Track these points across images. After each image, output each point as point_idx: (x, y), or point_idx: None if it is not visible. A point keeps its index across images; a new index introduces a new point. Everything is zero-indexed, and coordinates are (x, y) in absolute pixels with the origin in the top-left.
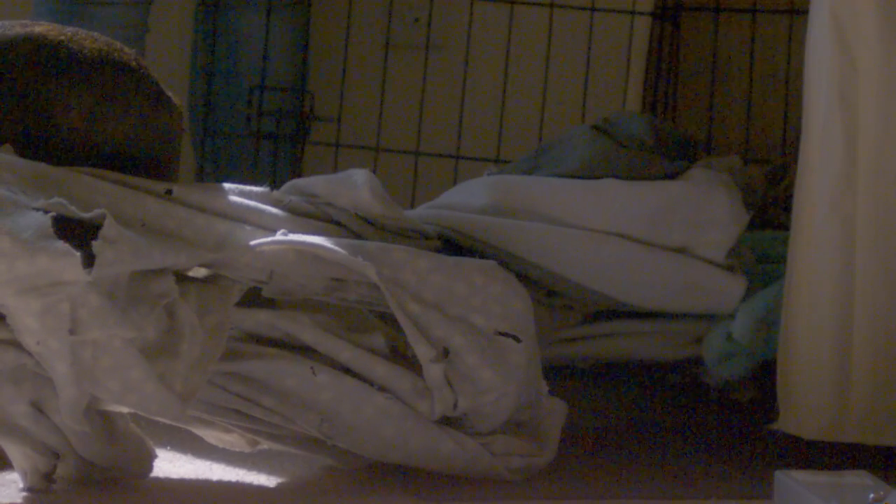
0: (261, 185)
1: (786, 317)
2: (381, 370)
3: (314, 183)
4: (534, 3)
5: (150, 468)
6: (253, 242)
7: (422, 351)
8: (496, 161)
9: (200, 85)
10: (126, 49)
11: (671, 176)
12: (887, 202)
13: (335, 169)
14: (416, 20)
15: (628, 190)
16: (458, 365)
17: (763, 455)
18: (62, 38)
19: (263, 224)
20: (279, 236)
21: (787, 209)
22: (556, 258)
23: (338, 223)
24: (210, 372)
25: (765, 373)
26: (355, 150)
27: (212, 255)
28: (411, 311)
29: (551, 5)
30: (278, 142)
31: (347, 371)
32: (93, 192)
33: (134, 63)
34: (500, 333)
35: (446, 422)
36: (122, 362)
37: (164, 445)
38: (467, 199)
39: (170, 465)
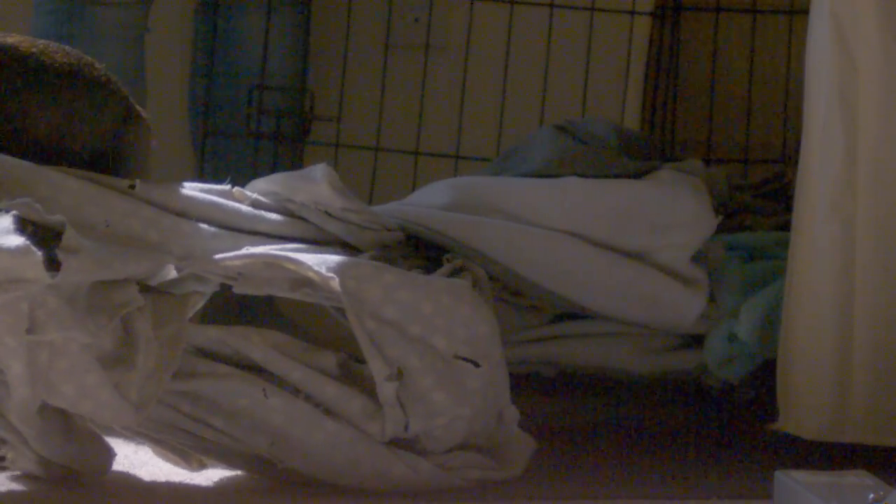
0: None
1: (786, 317)
2: (332, 391)
3: (274, 180)
4: (534, 3)
5: (109, 466)
6: (218, 256)
7: (376, 368)
8: None
9: (200, 85)
10: (96, 64)
11: (636, 175)
12: (887, 202)
13: (335, 169)
14: (416, 20)
15: (590, 188)
16: (411, 386)
17: (763, 455)
18: (34, 50)
19: (228, 222)
20: (245, 251)
21: (755, 212)
22: (513, 255)
23: (300, 217)
24: (165, 383)
25: (765, 373)
26: (355, 150)
27: (177, 260)
28: (368, 327)
29: (551, 5)
30: (278, 141)
31: (300, 393)
32: (58, 192)
33: (104, 78)
34: (459, 357)
35: (399, 443)
36: (78, 366)
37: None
38: (430, 198)
39: (156, 468)
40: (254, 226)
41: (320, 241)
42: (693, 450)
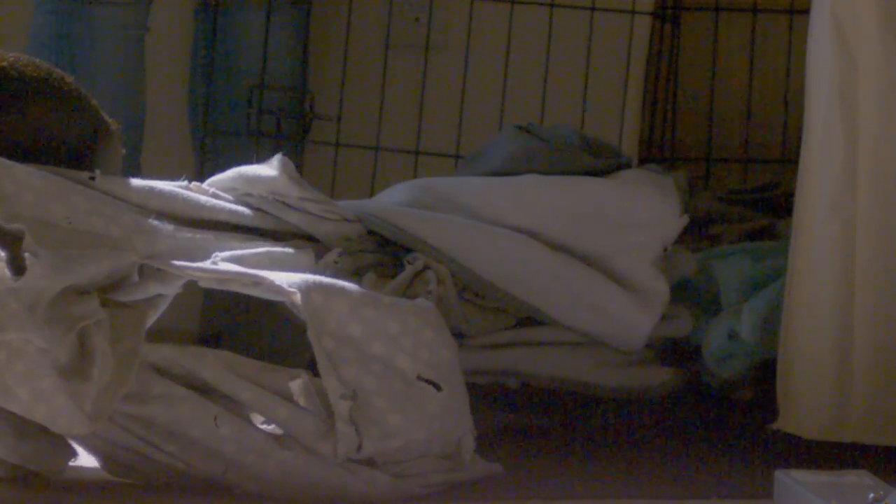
0: None
1: (786, 317)
2: (283, 411)
3: (232, 175)
4: (534, 3)
5: (66, 466)
6: (180, 263)
7: (332, 385)
8: None
9: (200, 85)
10: (67, 77)
11: (599, 174)
12: (887, 202)
13: (335, 169)
14: (416, 20)
15: (548, 185)
16: (366, 408)
17: (763, 455)
18: (3, 63)
19: (190, 214)
20: (210, 265)
21: (722, 219)
22: (466, 253)
23: (258, 209)
24: (120, 396)
25: (765, 373)
26: (355, 149)
27: (140, 258)
28: (327, 346)
29: (551, 5)
30: (278, 141)
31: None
32: (22, 189)
33: (74, 91)
34: (423, 379)
35: (353, 459)
36: (34, 371)
37: None
38: (391, 197)
39: None
40: (215, 216)
41: (282, 233)
42: (693, 450)
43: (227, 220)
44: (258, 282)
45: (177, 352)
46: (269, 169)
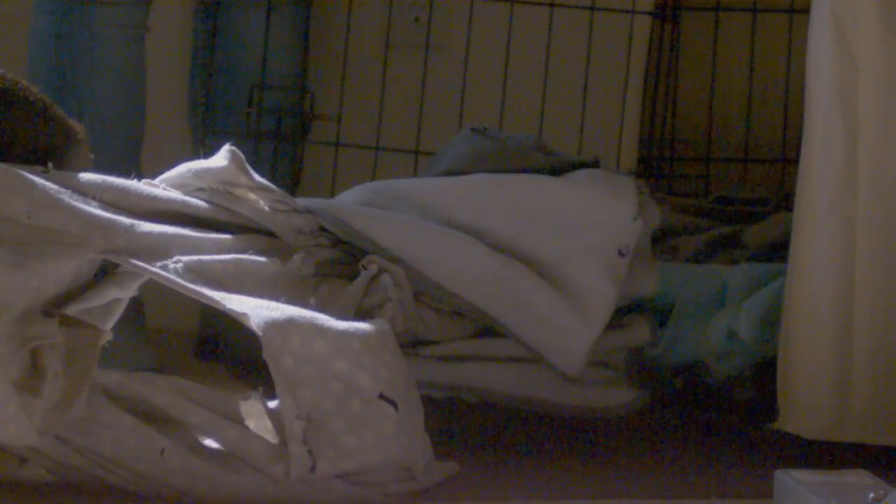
0: None
1: (786, 316)
2: (233, 434)
3: (181, 172)
4: (534, 3)
5: (13, 469)
6: (140, 264)
7: (287, 405)
8: None
9: (200, 85)
10: (32, 87)
11: (552, 172)
12: (887, 202)
13: (335, 169)
14: (416, 20)
15: (496, 183)
16: (321, 429)
17: (763, 455)
18: None
19: (143, 206)
20: (173, 277)
21: (681, 231)
22: (414, 252)
23: (209, 202)
24: (69, 416)
25: (765, 373)
26: (355, 149)
27: (99, 254)
28: (285, 365)
29: (551, 5)
30: (278, 141)
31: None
32: None
33: (39, 101)
34: (384, 397)
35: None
36: None
37: None
38: (346, 199)
39: None
40: (170, 207)
41: (236, 225)
42: (693, 450)
43: (182, 211)
44: (211, 302)
45: (126, 378)
46: (218, 160)
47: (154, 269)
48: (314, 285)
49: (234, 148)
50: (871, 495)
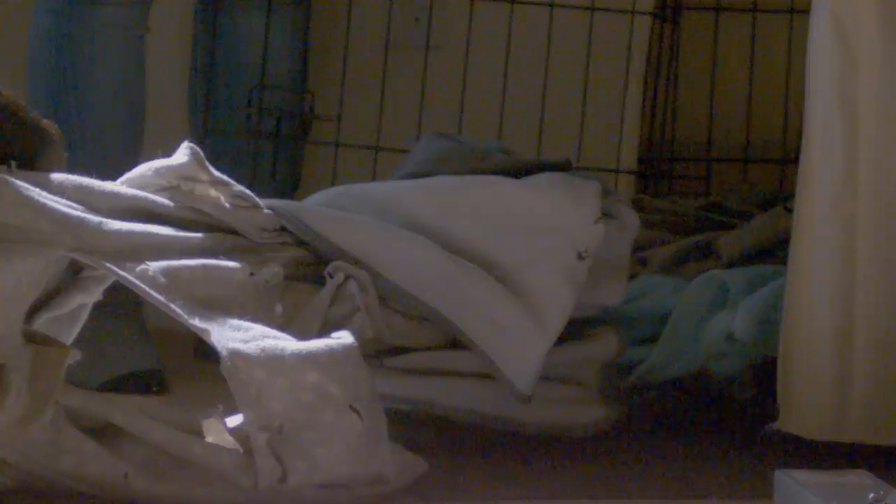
0: (261, 185)
1: (786, 316)
2: (198, 449)
3: (141, 172)
4: (534, 3)
5: None
6: (110, 267)
7: (249, 417)
8: None
9: (200, 85)
10: (3, 91)
11: (516, 174)
12: (887, 202)
13: (335, 169)
14: (417, 20)
15: (456, 185)
16: (294, 441)
17: (763, 455)
18: None
19: (108, 204)
20: (135, 279)
21: (647, 245)
22: (372, 253)
23: (173, 200)
24: (30, 434)
25: (765, 373)
26: (355, 149)
27: (69, 252)
28: (256, 377)
29: (551, 5)
30: (278, 141)
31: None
32: None
33: (10, 102)
34: (353, 409)
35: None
36: None
37: None
38: (308, 202)
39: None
40: (135, 204)
41: (200, 223)
42: (693, 450)
43: (148, 209)
44: (179, 316)
45: (86, 397)
46: (178, 157)
47: (123, 274)
48: (282, 290)
49: (192, 144)
50: (871, 495)
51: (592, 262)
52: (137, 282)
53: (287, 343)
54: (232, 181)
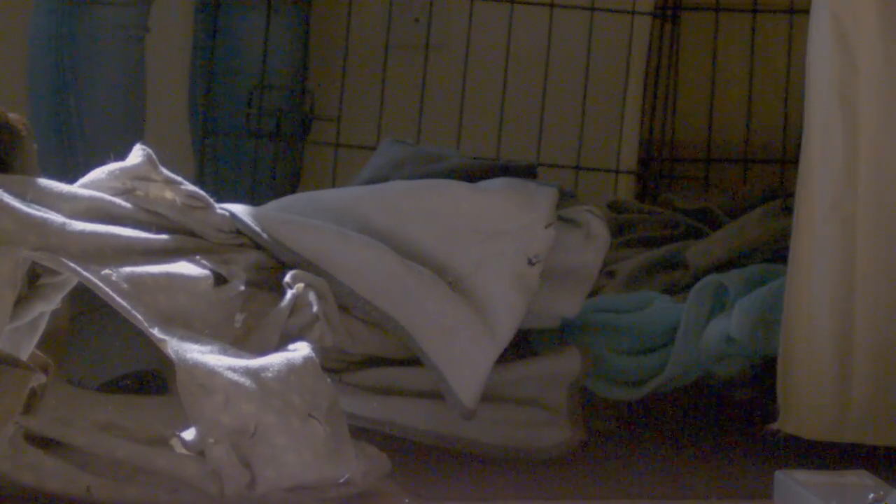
0: (261, 185)
1: (786, 316)
2: (162, 461)
3: (98, 176)
4: (534, 3)
5: None
6: (74, 267)
7: (201, 430)
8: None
9: (200, 85)
10: None
11: (469, 176)
12: (888, 202)
13: (335, 169)
14: (417, 20)
15: (409, 189)
16: (264, 444)
17: (763, 455)
18: None
19: (68, 206)
20: (99, 282)
21: None
22: (326, 257)
23: (130, 202)
24: None
25: (765, 373)
26: (355, 149)
27: (32, 251)
28: (220, 383)
29: (551, 5)
30: (278, 141)
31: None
32: None
33: None
34: (313, 417)
35: None
36: None
37: None
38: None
39: None
40: (95, 205)
41: (159, 225)
42: (693, 450)
43: (107, 210)
44: (139, 323)
45: (43, 423)
46: (132, 159)
47: (87, 276)
48: (243, 299)
49: (145, 146)
50: (871, 495)
51: (557, 270)
52: (102, 285)
53: (247, 357)
54: (183, 181)
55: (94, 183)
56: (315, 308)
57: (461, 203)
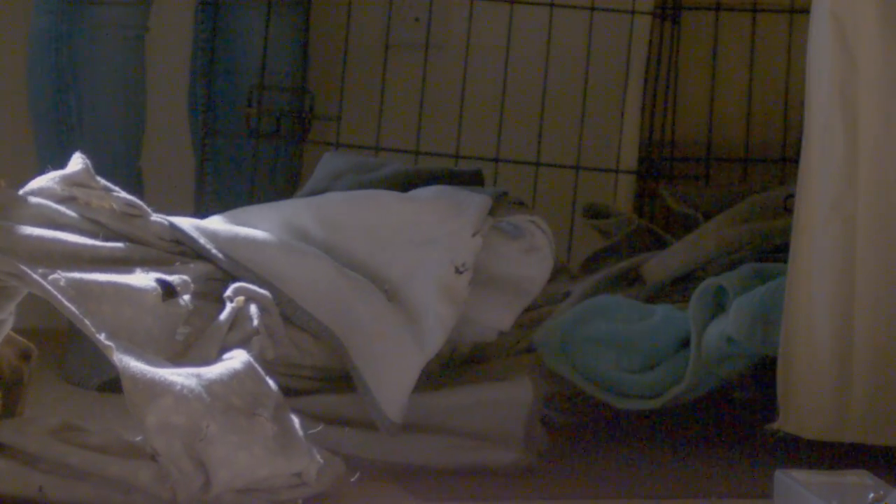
0: (261, 185)
1: (786, 316)
2: (115, 469)
3: (41, 185)
4: (534, 3)
5: None
6: (21, 267)
7: (153, 436)
8: (496, 161)
9: (200, 85)
10: None
11: (405, 183)
12: (888, 202)
13: None
14: (417, 20)
15: (344, 201)
16: (217, 444)
17: (763, 455)
18: None
19: (16, 213)
20: (47, 285)
21: None
22: (263, 265)
23: (72, 210)
24: None
25: (765, 372)
26: (355, 150)
27: None
28: (169, 387)
29: (551, 5)
30: (278, 141)
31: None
32: None
33: None
34: (258, 414)
35: None
36: None
37: None
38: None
39: None
40: (41, 212)
41: (105, 233)
42: (693, 450)
43: (52, 218)
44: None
45: None
46: (73, 166)
47: (35, 278)
48: (188, 313)
49: (84, 156)
50: (871, 495)
51: (495, 280)
52: (51, 290)
53: (187, 367)
54: (118, 189)
55: (37, 191)
56: (256, 322)
57: (390, 213)
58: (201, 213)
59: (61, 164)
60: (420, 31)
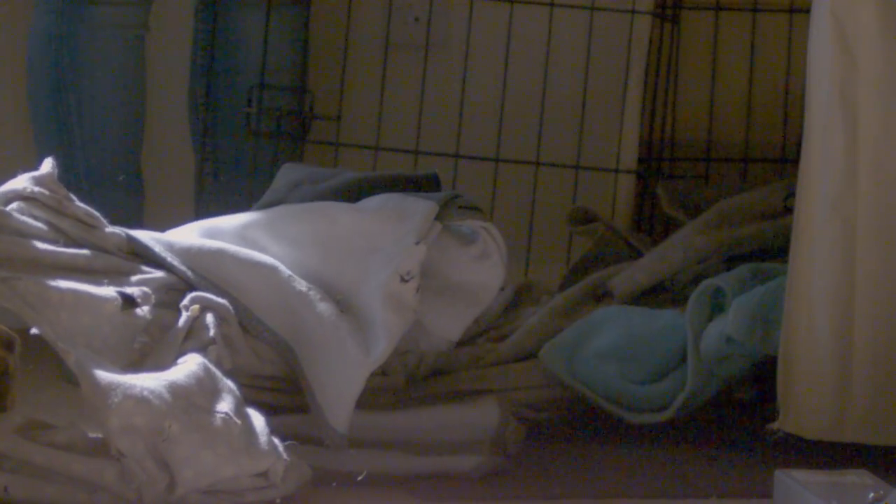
0: (261, 185)
1: (786, 316)
2: (79, 467)
3: (13, 187)
4: (534, 3)
5: None
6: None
7: (116, 438)
8: (496, 160)
9: (200, 85)
10: None
11: (357, 191)
12: (888, 202)
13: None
14: (416, 20)
15: (295, 214)
16: (181, 444)
17: (763, 455)
18: None
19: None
20: (8, 291)
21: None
22: (224, 278)
23: (37, 218)
24: None
25: (765, 372)
26: (355, 149)
27: None
28: (131, 390)
29: (551, 5)
30: (278, 141)
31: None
32: None
33: None
34: (221, 412)
35: None
36: None
37: None
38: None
39: None
40: (4, 221)
41: (65, 241)
42: (693, 450)
43: (16, 227)
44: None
45: None
46: (42, 169)
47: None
48: (146, 323)
49: (51, 162)
50: (871, 495)
51: (447, 288)
52: (8, 292)
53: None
54: (76, 199)
55: (10, 192)
56: (212, 331)
57: (337, 224)
58: (201, 212)
59: (61, 163)
60: (420, 31)
